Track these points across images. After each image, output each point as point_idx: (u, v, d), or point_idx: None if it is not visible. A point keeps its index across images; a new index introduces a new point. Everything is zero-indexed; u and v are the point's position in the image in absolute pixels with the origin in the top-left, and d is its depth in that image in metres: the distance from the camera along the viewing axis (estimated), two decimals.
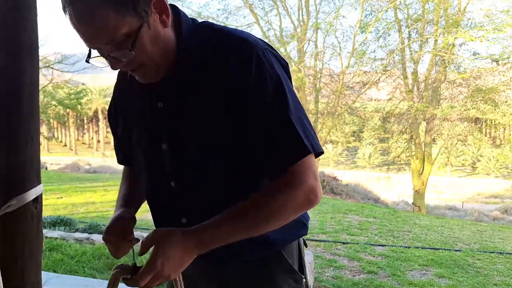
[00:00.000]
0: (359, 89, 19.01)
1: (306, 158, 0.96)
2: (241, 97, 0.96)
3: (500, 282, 4.87)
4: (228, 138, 1.00)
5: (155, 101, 1.05)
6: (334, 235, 7.08)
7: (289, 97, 0.97)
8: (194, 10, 18.26)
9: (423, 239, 7.41)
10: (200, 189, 1.07)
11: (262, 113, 0.96)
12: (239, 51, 0.97)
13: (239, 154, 1.01)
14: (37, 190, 1.79)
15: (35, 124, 1.80)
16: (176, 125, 1.04)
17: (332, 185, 18.11)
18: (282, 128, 0.95)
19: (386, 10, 17.14)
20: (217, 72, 0.98)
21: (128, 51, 0.90)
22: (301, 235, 1.18)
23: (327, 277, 4.65)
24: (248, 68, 0.96)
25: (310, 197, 0.98)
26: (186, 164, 1.06)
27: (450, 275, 4.98)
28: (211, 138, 1.01)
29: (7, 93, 1.72)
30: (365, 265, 5.21)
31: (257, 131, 0.97)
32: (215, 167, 1.04)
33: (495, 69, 16.72)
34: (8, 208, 1.70)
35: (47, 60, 19.73)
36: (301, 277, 1.17)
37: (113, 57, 0.93)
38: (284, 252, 1.14)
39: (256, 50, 0.97)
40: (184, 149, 1.05)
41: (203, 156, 1.03)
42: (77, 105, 41.63)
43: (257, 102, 0.96)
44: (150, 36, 0.93)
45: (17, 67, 1.72)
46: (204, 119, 1.00)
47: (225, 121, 0.99)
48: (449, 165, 36.80)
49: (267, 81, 0.96)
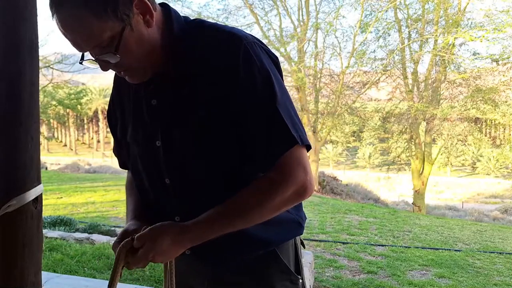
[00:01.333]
0: (359, 89, 19.01)
1: (295, 150, 0.98)
2: (231, 91, 0.98)
3: (500, 282, 4.87)
4: (220, 134, 1.01)
5: (149, 99, 1.07)
6: (334, 235, 7.07)
7: (277, 90, 0.99)
8: (194, 10, 18.27)
9: (423, 239, 7.41)
10: (194, 185, 1.07)
11: (250, 106, 0.98)
12: (228, 45, 0.99)
13: (231, 150, 1.03)
14: (37, 190, 1.79)
15: (35, 124, 1.80)
16: (169, 122, 1.05)
17: (332, 185, 18.13)
18: (269, 119, 0.97)
19: (386, 10, 17.15)
20: (208, 68, 1.00)
21: (113, 54, 0.93)
22: (297, 235, 1.18)
23: (327, 277, 4.65)
24: (236, 61, 0.97)
25: (299, 191, 0.99)
26: (180, 160, 1.07)
27: (450, 275, 4.99)
28: (204, 134, 1.02)
29: (7, 93, 1.72)
30: (365, 265, 5.22)
31: (246, 124, 0.99)
32: (208, 163, 1.05)
33: (495, 69, 16.71)
34: (8, 208, 1.70)
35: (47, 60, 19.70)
36: (297, 278, 1.17)
37: (102, 60, 0.96)
38: (279, 252, 1.13)
39: (244, 44, 0.99)
40: (178, 146, 1.05)
41: (196, 152, 1.04)
42: (77, 105, 41.62)
43: (245, 95, 0.97)
44: (135, 38, 0.95)
45: (17, 67, 1.72)
46: (196, 115, 1.01)
47: (217, 117, 1.00)
48: (449, 165, 36.81)
49: (255, 74, 0.98)
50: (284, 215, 1.10)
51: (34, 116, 1.79)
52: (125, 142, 1.19)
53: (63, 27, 0.92)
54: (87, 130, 62.80)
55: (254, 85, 0.97)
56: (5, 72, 1.72)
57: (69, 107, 40.87)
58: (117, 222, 7.45)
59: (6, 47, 1.71)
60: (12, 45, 1.71)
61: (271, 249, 1.12)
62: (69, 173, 19.59)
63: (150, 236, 0.98)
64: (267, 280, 1.13)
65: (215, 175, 1.05)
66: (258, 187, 1.00)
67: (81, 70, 19.52)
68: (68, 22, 0.91)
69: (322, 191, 17.04)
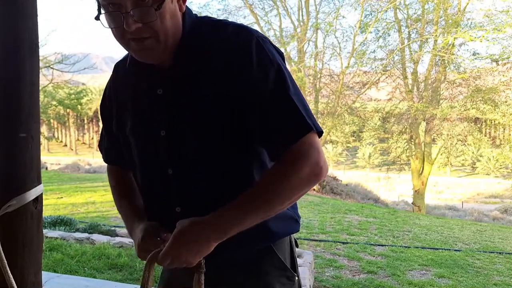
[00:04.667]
0: (359, 89, 19.02)
1: (309, 136, 1.00)
2: (243, 84, 1.00)
3: (500, 282, 4.87)
4: (228, 125, 1.03)
5: (155, 88, 1.08)
6: (334, 235, 7.07)
7: (289, 82, 1.02)
8: (194, 10, 17.85)
9: (423, 239, 7.42)
10: (197, 176, 1.08)
11: (264, 97, 0.99)
12: (239, 38, 1.02)
13: (238, 141, 1.04)
14: (37, 190, 1.79)
15: (35, 124, 1.80)
16: (176, 111, 1.06)
17: (332, 185, 18.11)
18: (284, 108, 0.99)
19: (386, 10, 17.16)
20: (218, 60, 1.02)
21: (154, 10, 0.94)
22: (294, 231, 1.19)
23: (327, 277, 4.65)
24: (249, 54, 1.00)
25: (315, 170, 1.00)
26: (185, 150, 1.07)
27: (450, 275, 4.99)
28: (212, 125, 1.03)
29: (7, 93, 1.73)
30: (365, 265, 5.22)
31: (261, 115, 1.00)
32: (213, 154, 1.05)
33: (495, 69, 16.73)
34: (8, 208, 1.70)
35: (47, 60, 19.70)
36: (294, 275, 1.17)
37: (132, 15, 0.93)
38: (275, 248, 1.14)
39: (255, 37, 1.02)
40: (183, 135, 1.06)
41: (203, 142, 1.05)
42: (77, 105, 41.66)
43: (260, 85, 0.99)
44: (172, 10, 0.98)
45: (17, 67, 1.72)
46: (205, 106, 1.03)
47: (226, 108, 1.02)
48: (449, 165, 36.81)
49: (268, 65, 1.00)
50: (282, 211, 1.11)
51: (34, 116, 1.79)
52: (123, 136, 1.18)
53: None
54: (87, 130, 62.75)
55: (268, 76, 1.00)
56: (5, 72, 1.72)
57: (69, 107, 40.92)
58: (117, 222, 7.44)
59: (6, 47, 1.71)
60: (12, 45, 1.72)
61: (268, 244, 1.13)
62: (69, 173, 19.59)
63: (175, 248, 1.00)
64: (264, 276, 1.13)
65: (219, 165, 1.06)
66: (272, 172, 1.02)
67: (81, 70, 19.52)
68: None
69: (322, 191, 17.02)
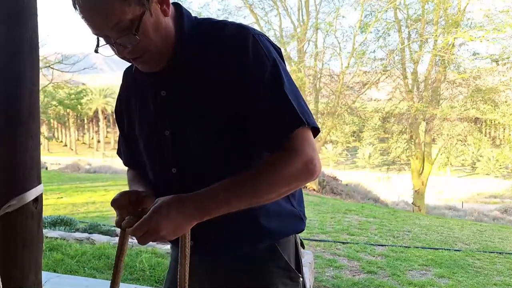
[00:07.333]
0: (359, 89, 19.03)
1: (302, 131, 1.01)
2: (241, 80, 1.02)
3: (500, 282, 4.87)
4: (230, 122, 1.05)
5: (159, 90, 1.10)
6: (334, 235, 7.07)
7: (284, 78, 1.04)
8: (194, 10, 18.32)
9: (423, 239, 7.42)
10: (201, 174, 1.09)
11: (259, 92, 1.02)
12: (236, 37, 1.05)
13: (239, 138, 1.06)
14: (37, 190, 1.79)
15: (35, 124, 1.80)
16: (179, 112, 1.09)
17: (332, 185, 18.13)
18: (277, 102, 1.01)
19: (386, 10, 17.17)
20: (217, 59, 1.05)
21: (133, 35, 0.97)
22: (299, 229, 1.18)
23: (327, 277, 4.65)
24: (246, 51, 1.02)
25: (309, 167, 1.00)
26: (188, 149, 1.09)
27: (450, 275, 4.99)
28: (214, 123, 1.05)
29: (7, 93, 1.73)
30: (365, 265, 5.22)
31: (255, 110, 1.02)
32: (216, 153, 1.07)
33: (495, 69, 16.73)
34: (8, 208, 1.70)
35: (47, 60, 19.66)
36: (298, 276, 1.16)
37: (119, 43, 0.99)
38: (279, 247, 1.13)
39: (252, 35, 1.05)
40: (187, 135, 1.09)
41: (205, 141, 1.07)
42: (77, 105, 41.60)
43: (255, 82, 1.02)
44: (152, 23, 1.00)
45: (17, 67, 1.72)
46: (207, 105, 1.05)
47: (227, 106, 1.04)
48: (449, 165, 36.74)
49: (264, 61, 1.03)
50: (287, 208, 1.12)
51: (34, 116, 1.79)
52: (133, 136, 1.21)
53: (84, 5, 0.95)
54: (87, 130, 62.80)
55: (263, 72, 1.02)
56: (5, 72, 1.72)
57: (69, 107, 40.85)
58: None
59: (6, 47, 1.71)
60: (12, 45, 1.72)
61: (273, 241, 1.13)
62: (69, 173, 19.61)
63: (154, 220, 0.95)
64: (267, 276, 1.13)
65: (222, 164, 1.08)
66: (264, 161, 1.03)
67: (81, 70, 19.49)
68: (92, 3, 0.94)
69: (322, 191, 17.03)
